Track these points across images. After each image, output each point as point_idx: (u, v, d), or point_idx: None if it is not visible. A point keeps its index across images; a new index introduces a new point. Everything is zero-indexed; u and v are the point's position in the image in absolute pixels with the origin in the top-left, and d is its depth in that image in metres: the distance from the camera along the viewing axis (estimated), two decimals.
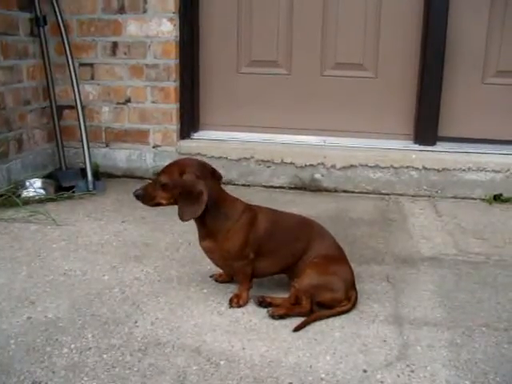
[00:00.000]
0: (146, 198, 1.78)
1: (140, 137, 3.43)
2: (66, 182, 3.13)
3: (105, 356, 1.55)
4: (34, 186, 3.00)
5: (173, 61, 3.26)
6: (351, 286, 1.85)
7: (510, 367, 1.54)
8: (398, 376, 1.49)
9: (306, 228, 1.93)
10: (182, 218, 1.75)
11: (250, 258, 1.82)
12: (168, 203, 1.79)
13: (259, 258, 1.84)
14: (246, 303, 1.86)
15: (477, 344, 1.65)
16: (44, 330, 1.68)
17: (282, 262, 1.88)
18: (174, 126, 3.37)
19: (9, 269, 2.10)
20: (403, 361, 1.56)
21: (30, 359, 1.53)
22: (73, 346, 1.60)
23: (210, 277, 2.03)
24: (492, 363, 1.55)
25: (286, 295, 1.86)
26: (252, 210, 1.85)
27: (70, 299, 1.88)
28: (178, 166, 1.76)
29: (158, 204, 1.79)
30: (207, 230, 1.80)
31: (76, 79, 3.17)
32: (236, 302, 1.84)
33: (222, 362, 1.53)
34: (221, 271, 2.01)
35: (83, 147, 3.20)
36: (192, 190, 1.71)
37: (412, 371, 1.51)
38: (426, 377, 1.49)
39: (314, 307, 1.78)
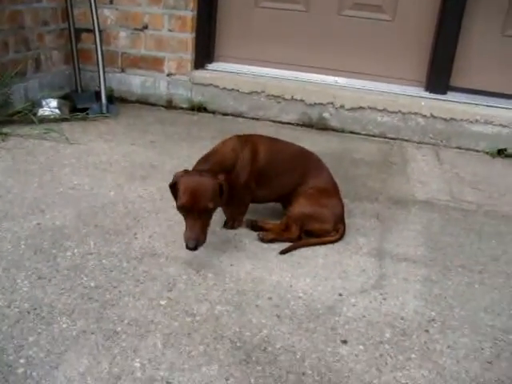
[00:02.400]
0: (202, 239, 1.65)
1: (155, 64, 3.48)
2: (80, 104, 3.22)
3: (104, 261, 1.70)
4: (50, 106, 3.09)
5: None
6: (340, 219, 1.96)
7: (475, 304, 1.66)
8: (371, 302, 1.62)
9: (304, 159, 2.02)
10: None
11: (252, 188, 1.91)
12: None
13: (258, 186, 1.93)
14: (239, 226, 1.98)
15: (450, 282, 1.77)
16: (51, 235, 1.83)
17: (278, 190, 1.97)
18: (188, 56, 3.41)
19: (22, 180, 2.24)
20: (378, 290, 1.69)
21: (37, 258, 1.68)
22: (76, 250, 1.75)
23: None
24: (460, 299, 1.68)
25: (277, 222, 1.98)
26: (252, 143, 1.91)
27: (77, 210, 2.02)
28: (210, 185, 1.65)
29: None
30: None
31: (95, 3, 3.17)
32: (231, 224, 1.97)
33: (209, 275, 1.67)
34: None
35: (99, 71, 3.26)
36: (232, 189, 1.73)
37: (384, 299, 1.64)
38: (396, 305, 1.62)
39: (302, 235, 1.90)
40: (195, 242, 1.60)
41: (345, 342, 1.43)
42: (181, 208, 1.64)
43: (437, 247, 1.99)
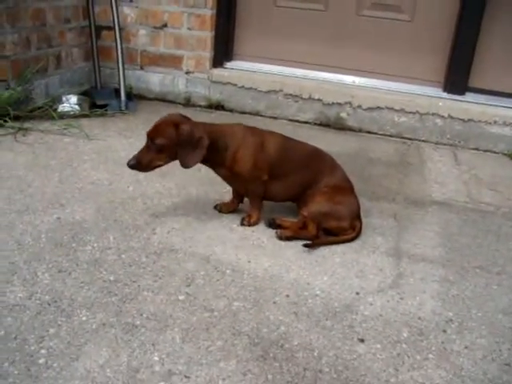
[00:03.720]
0: (143, 165, 1.79)
1: (174, 62, 3.50)
2: (100, 100, 3.25)
3: (123, 256, 1.72)
4: (70, 102, 3.12)
5: None
6: (357, 216, 1.96)
7: (493, 305, 1.65)
8: (388, 301, 1.62)
9: (317, 158, 2.02)
10: (187, 164, 1.80)
11: (262, 180, 1.92)
12: (167, 162, 1.82)
13: (271, 181, 1.94)
14: (256, 223, 1.99)
15: (468, 283, 1.76)
16: (71, 229, 1.85)
17: (292, 188, 1.98)
18: (207, 54, 3.43)
19: (43, 174, 2.27)
20: (395, 289, 1.69)
21: (58, 252, 1.71)
22: (95, 244, 1.77)
23: (214, 208, 2.10)
24: (478, 301, 1.67)
25: (295, 220, 1.98)
26: (258, 133, 1.94)
27: (96, 205, 2.04)
28: (169, 123, 1.78)
29: (157, 166, 1.82)
30: (213, 161, 1.87)
31: (115, 0, 3.20)
32: (247, 220, 1.98)
33: (227, 271, 1.68)
34: (224, 201, 2.11)
35: (118, 68, 3.29)
36: (191, 139, 1.76)
37: (401, 298, 1.64)
38: (413, 305, 1.61)
39: (319, 233, 1.90)
40: (134, 162, 1.77)
41: (362, 340, 1.44)
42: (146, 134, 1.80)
43: (454, 248, 1.98)
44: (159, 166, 1.83)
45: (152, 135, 1.77)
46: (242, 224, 1.98)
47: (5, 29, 2.82)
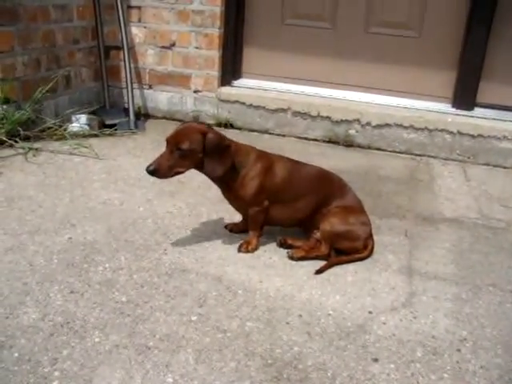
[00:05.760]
0: (162, 171, 1.72)
1: (182, 81, 3.53)
2: (109, 120, 3.28)
3: (135, 276, 1.72)
4: (80, 122, 3.15)
5: (218, 8, 3.31)
6: (369, 235, 1.95)
7: (508, 324, 1.63)
8: (401, 320, 1.61)
9: (326, 180, 1.99)
10: (216, 173, 1.77)
11: (263, 206, 1.89)
12: (187, 169, 1.78)
13: (275, 205, 1.91)
14: (254, 249, 1.94)
15: (481, 301, 1.75)
16: (82, 249, 1.86)
17: (298, 212, 1.94)
18: (215, 73, 3.45)
19: (53, 195, 2.28)
20: (408, 307, 1.67)
21: (70, 272, 1.71)
22: (107, 265, 1.77)
23: (225, 227, 2.09)
24: (492, 319, 1.65)
25: (307, 239, 1.97)
26: (268, 158, 1.90)
27: (107, 225, 2.04)
28: (195, 130, 1.74)
29: (177, 174, 1.76)
30: (224, 179, 1.83)
31: (124, 21, 3.26)
32: (245, 247, 1.93)
33: (239, 291, 1.68)
34: (235, 221, 2.10)
35: (127, 88, 3.33)
36: (219, 147, 1.74)
37: (415, 317, 1.63)
38: (426, 323, 1.60)
39: (331, 252, 1.89)
40: (154, 167, 1.70)
41: (376, 360, 1.43)
42: (165, 140, 1.75)
43: (466, 265, 1.97)
44: (180, 173, 1.77)
45: (177, 141, 1.72)
46: (240, 251, 1.93)
47: (16, 51, 2.86)
